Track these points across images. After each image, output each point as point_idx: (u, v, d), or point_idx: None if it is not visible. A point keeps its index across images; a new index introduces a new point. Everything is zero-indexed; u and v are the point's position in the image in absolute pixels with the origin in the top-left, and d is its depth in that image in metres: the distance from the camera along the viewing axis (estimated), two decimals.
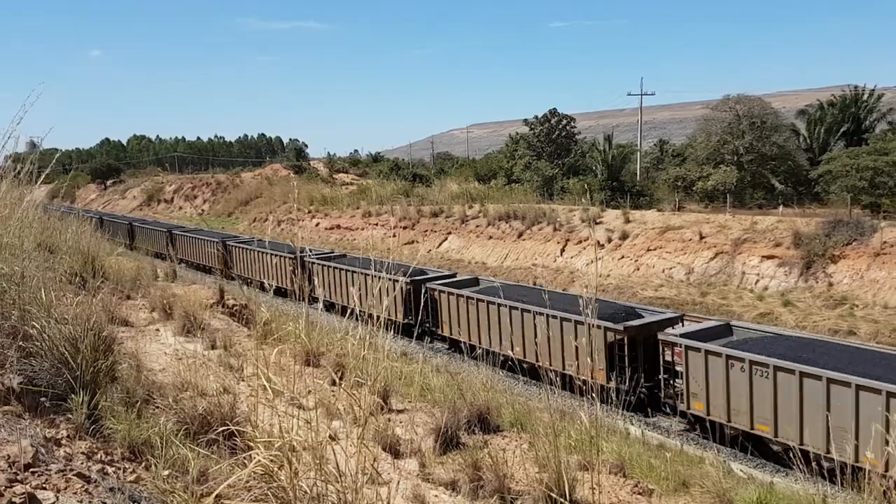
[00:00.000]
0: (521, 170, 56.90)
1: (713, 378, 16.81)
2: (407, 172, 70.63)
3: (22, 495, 2.95)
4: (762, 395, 15.75)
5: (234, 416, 4.75)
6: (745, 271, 31.70)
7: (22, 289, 4.91)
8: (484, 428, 6.27)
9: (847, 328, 25.51)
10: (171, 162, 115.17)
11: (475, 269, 39.48)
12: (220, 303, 11.94)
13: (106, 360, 4.82)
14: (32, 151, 6.54)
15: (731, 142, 45.56)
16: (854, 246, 29.15)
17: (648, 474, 6.29)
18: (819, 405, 14.45)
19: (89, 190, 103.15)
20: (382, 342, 3.92)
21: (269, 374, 3.74)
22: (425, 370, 9.16)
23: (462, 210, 47.82)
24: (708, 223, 35.45)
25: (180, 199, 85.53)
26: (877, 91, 51.38)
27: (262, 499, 3.28)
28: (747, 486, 7.55)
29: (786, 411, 15.27)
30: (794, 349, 16.15)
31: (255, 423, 3.86)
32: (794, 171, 46.32)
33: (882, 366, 14.70)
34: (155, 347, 7.71)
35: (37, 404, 4.34)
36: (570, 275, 37.02)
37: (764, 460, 16.32)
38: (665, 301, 30.63)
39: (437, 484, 5.16)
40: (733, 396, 16.42)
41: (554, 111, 59.45)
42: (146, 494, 3.55)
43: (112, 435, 4.28)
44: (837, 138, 48.99)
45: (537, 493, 4.75)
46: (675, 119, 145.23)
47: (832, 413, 13.92)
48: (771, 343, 17.04)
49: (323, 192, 63.17)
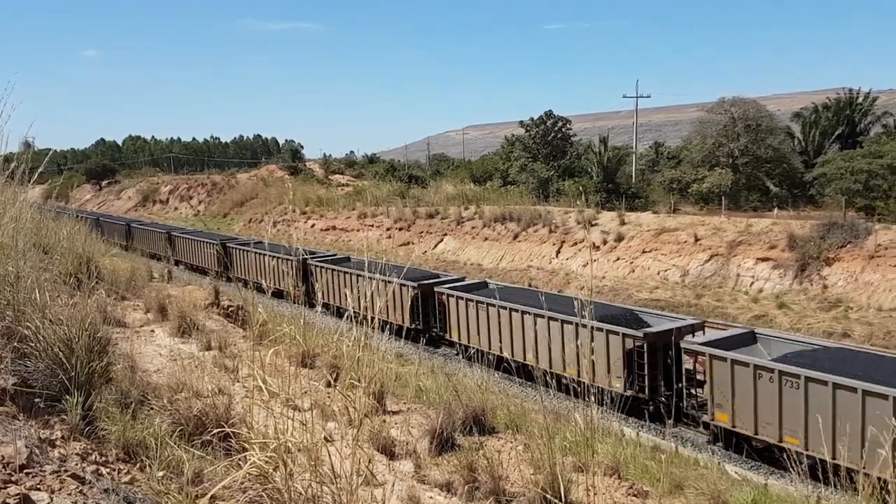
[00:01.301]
0: (517, 171, 56.94)
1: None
2: (403, 174, 70.66)
3: (16, 496, 2.94)
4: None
5: (229, 417, 4.75)
6: (740, 273, 31.78)
7: (16, 289, 4.89)
8: (479, 429, 6.27)
9: (841, 330, 25.59)
10: (166, 162, 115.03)
11: (471, 271, 39.50)
12: (215, 304, 11.93)
13: (101, 360, 4.81)
14: (26, 151, 6.51)
15: (726, 144, 45.69)
16: (848, 248, 29.25)
17: (643, 476, 6.30)
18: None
19: (84, 190, 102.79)
20: (378, 344, 3.93)
21: (265, 375, 3.74)
22: (420, 372, 9.16)
23: (458, 211, 47.84)
24: (703, 225, 35.53)
25: (176, 200, 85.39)
26: (871, 94, 51.69)
27: (256, 500, 3.28)
28: (742, 488, 7.57)
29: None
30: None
31: (251, 424, 3.86)
32: (789, 173, 46.48)
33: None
34: (150, 348, 7.69)
35: (31, 405, 4.32)
36: (566, 276, 37.07)
37: (759, 462, 16.32)
38: (660, 303, 30.68)
39: (433, 485, 5.16)
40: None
41: (550, 113, 59.50)
42: (141, 496, 3.54)
43: (107, 436, 4.27)
44: (832, 141, 49.21)
45: (532, 494, 4.75)
46: (671, 121, 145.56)
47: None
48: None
49: (318, 194, 63.12)
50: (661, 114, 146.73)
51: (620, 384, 18.44)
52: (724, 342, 17.69)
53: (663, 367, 18.73)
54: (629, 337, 18.69)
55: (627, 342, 18.66)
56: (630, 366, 18.72)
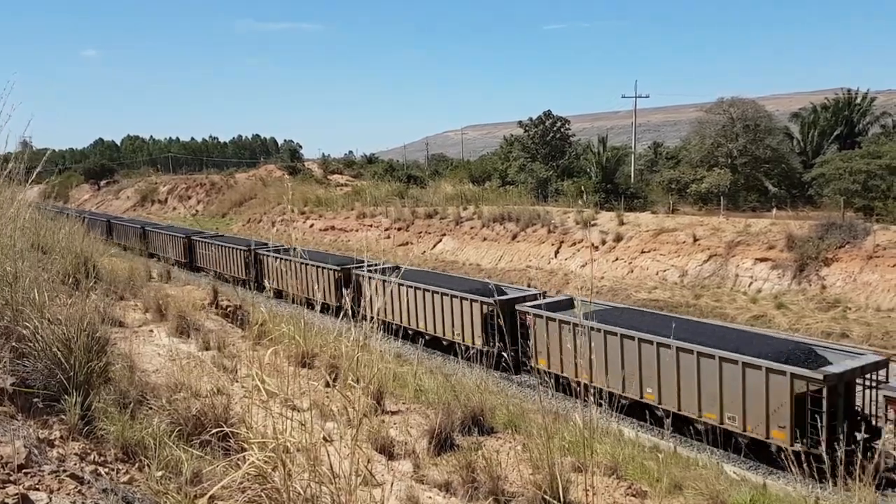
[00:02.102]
0: (516, 172, 56.95)
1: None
2: (401, 174, 70.67)
3: (15, 496, 2.94)
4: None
5: (228, 417, 4.75)
6: (739, 274, 31.80)
7: (15, 289, 4.89)
8: (478, 429, 6.27)
9: (840, 330, 25.61)
10: (164, 162, 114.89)
11: (469, 271, 39.51)
12: (213, 304, 11.93)
13: (99, 360, 4.81)
14: (24, 151, 6.51)
15: (724, 144, 45.68)
16: (847, 249, 29.27)
17: (642, 476, 6.30)
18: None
19: (83, 190, 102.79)
20: (376, 344, 3.93)
21: (263, 375, 3.74)
22: (419, 372, 9.16)
23: (457, 212, 47.84)
24: (702, 225, 35.55)
25: (174, 200, 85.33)
26: (870, 94, 51.67)
27: (255, 500, 3.27)
28: (740, 488, 7.57)
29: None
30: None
31: (249, 424, 3.86)
32: (788, 173, 46.48)
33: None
34: (148, 348, 7.69)
35: (30, 405, 4.32)
36: (565, 277, 37.09)
37: (757, 462, 16.35)
38: (659, 303, 30.70)
39: (432, 485, 5.16)
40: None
41: (548, 113, 59.49)
42: (139, 496, 3.54)
43: (105, 436, 4.27)
44: (831, 141, 49.21)
45: (531, 494, 4.75)
46: (670, 121, 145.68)
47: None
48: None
49: (317, 193, 63.09)
50: (660, 114, 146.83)
51: (481, 341, 23.31)
52: (549, 306, 22.11)
53: (509, 326, 22.52)
54: (486, 304, 23.47)
55: (485, 308, 23.58)
56: (487, 329, 23.72)
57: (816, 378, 15.52)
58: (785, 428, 15.80)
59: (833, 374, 15.65)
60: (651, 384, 18.47)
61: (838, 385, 15.69)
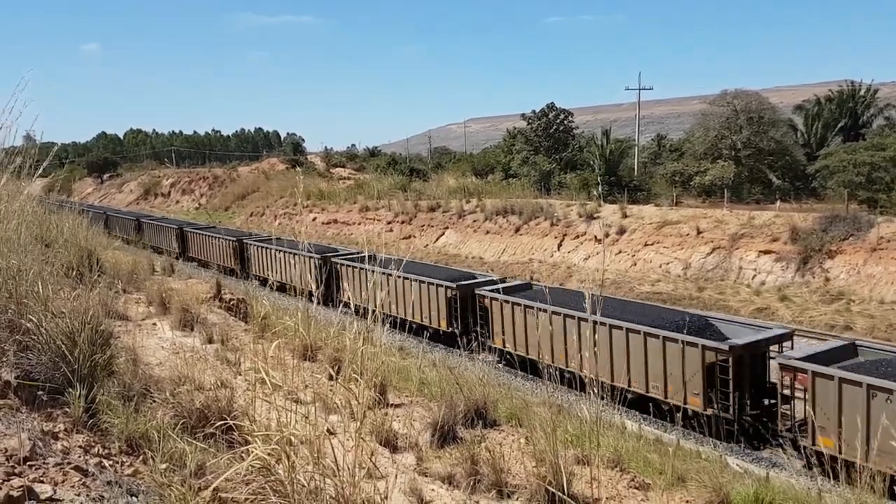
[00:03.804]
0: (519, 164, 56.84)
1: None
2: (404, 167, 70.52)
3: (20, 489, 2.95)
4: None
5: (232, 410, 4.76)
6: (743, 266, 31.75)
7: (19, 282, 4.90)
8: (481, 422, 6.28)
9: (843, 323, 25.58)
10: (167, 156, 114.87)
11: (472, 264, 39.49)
12: (217, 297, 11.94)
13: (103, 353, 4.82)
14: (29, 145, 6.51)
15: (728, 137, 45.56)
16: (851, 241, 29.20)
17: (645, 469, 6.30)
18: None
19: (86, 184, 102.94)
20: (379, 337, 3.93)
21: (267, 368, 3.74)
22: (423, 365, 9.17)
23: (459, 205, 47.80)
24: (705, 218, 35.48)
25: (177, 193, 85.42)
26: (874, 86, 51.44)
27: (259, 492, 3.28)
28: (744, 481, 7.58)
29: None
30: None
31: (253, 417, 3.87)
32: (792, 166, 46.35)
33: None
34: (152, 341, 7.71)
35: (34, 398, 4.34)
36: (568, 269, 37.06)
37: (760, 454, 16.38)
38: (662, 296, 30.68)
39: (435, 478, 5.17)
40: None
41: (552, 106, 59.33)
42: (144, 488, 3.55)
43: (109, 429, 4.29)
44: (835, 133, 49.03)
45: (534, 487, 4.76)
46: (673, 114, 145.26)
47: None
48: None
49: (320, 187, 63.05)
50: (664, 106, 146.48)
51: (445, 324, 25.11)
52: (506, 290, 23.08)
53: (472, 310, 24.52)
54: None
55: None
56: (450, 312, 25.20)
57: (723, 349, 17.12)
58: (699, 395, 17.50)
59: (738, 345, 17.32)
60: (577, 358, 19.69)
61: (743, 356, 17.30)
